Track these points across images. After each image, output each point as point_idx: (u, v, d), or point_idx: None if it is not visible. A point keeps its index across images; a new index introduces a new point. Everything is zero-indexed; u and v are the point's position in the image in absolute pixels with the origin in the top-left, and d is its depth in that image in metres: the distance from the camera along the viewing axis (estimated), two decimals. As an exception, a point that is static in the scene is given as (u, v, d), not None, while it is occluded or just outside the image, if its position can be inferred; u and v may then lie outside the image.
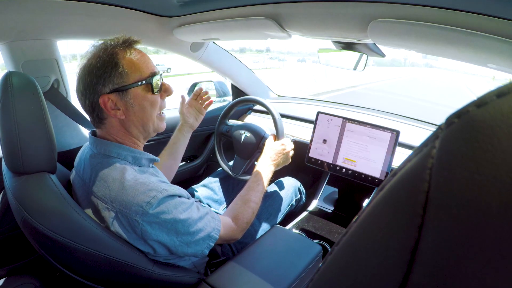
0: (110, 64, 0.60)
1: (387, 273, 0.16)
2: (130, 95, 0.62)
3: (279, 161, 0.98)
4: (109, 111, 0.62)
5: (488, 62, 0.64)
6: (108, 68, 0.60)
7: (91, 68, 0.60)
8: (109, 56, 0.60)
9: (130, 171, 0.60)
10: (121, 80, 0.61)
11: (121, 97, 0.62)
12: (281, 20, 0.79)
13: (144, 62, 0.64)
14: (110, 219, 0.59)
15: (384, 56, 0.98)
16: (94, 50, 0.62)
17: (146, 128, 0.67)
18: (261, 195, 0.85)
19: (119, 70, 0.60)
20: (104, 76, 0.60)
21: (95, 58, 0.61)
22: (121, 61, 0.61)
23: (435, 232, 0.13)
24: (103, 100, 0.61)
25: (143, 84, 0.63)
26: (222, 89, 1.53)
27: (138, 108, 0.64)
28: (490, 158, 0.12)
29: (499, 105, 0.13)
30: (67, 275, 0.59)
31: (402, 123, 1.24)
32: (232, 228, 0.74)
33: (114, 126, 0.65)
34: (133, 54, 0.63)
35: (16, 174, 0.62)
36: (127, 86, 0.61)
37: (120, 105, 0.62)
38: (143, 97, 0.64)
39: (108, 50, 0.61)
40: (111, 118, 0.64)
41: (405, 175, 0.16)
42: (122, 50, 0.62)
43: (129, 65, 0.62)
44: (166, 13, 1.01)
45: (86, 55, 0.62)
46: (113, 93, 0.61)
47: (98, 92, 0.61)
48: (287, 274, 0.69)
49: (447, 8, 0.54)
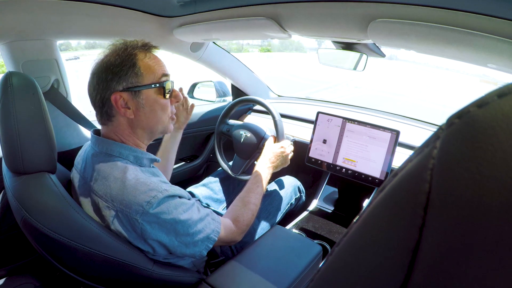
0: (128, 63, 0.62)
1: (388, 274, 0.16)
2: (142, 95, 0.63)
3: (278, 163, 0.99)
4: (119, 108, 0.62)
5: (488, 62, 0.64)
6: (125, 67, 0.61)
7: (109, 65, 0.61)
8: (128, 56, 0.62)
9: (131, 171, 0.61)
10: (136, 80, 0.62)
11: (133, 96, 0.63)
12: (281, 20, 0.79)
13: (159, 67, 0.66)
14: (111, 217, 0.59)
15: (384, 56, 0.98)
16: (114, 48, 0.63)
17: (154, 130, 0.68)
18: (260, 196, 0.86)
19: (135, 70, 0.62)
20: (120, 74, 0.61)
21: (114, 55, 0.62)
22: (138, 62, 0.62)
23: (436, 232, 0.13)
24: (115, 97, 0.62)
25: (156, 86, 0.64)
26: (222, 89, 1.53)
27: (148, 109, 0.65)
28: (490, 158, 0.12)
29: (500, 105, 0.12)
30: (67, 275, 0.59)
31: (402, 123, 1.24)
32: (232, 230, 0.74)
33: (121, 125, 0.65)
34: (151, 58, 0.65)
35: (16, 174, 0.62)
36: (140, 87, 0.63)
37: (131, 104, 0.63)
38: (154, 100, 0.65)
39: (128, 50, 0.62)
40: (120, 116, 0.64)
41: (406, 175, 0.16)
42: (141, 53, 0.64)
43: (145, 67, 0.63)
44: (166, 13, 1.01)
45: (104, 52, 0.64)
46: (126, 92, 0.62)
47: (111, 89, 0.62)
48: (287, 274, 0.69)
49: (447, 8, 0.54)
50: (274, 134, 1.09)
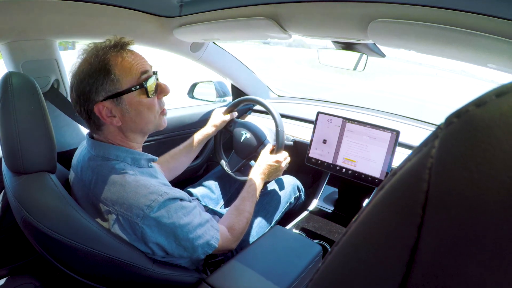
0: (102, 71, 0.58)
1: (386, 273, 0.16)
2: (124, 101, 0.60)
3: (270, 175, 1.01)
4: (105, 119, 0.60)
5: (488, 62, 0.64)
6: (100, 76, 0.58)
7: (83, 76, 0.58)
8: (100, 63, 0.58)
9: (130, 173, 0.60)
10: (113, 87, 0.59)
11: (116, 104, 0.60)
12: (281, 21, 0.79)
13: (137, 65, 0.61)
14: (111, 221, 0.59)
15: (384, 56, 0.98)
16: (85, 56, 0.60)
17: (145, 130, 0.67)
18: (254, 204, 0.89)
19: (111, 77, 0.58)
20: (96, 84, 0.58)
21: (87, 64, 0.58)
22: (113, 68, 0.58)
23: (435, 231, 0.13)
24: (98, 109, 0.59)
25: (137, 89, 0.61)
26: (222, 89, 1.53)
27: (134, 113, 0.62)
28: (489, 157, 0.12)
29: (499, 104, 0.13)
30: (67, 275, 0.59)
31: (402, 123, 1.24)
32: (228, 238, 0.75)
33: (111, 132, 0.64)
34: (126, 58, 0.60)
35: (16, 173, 0.62)
36: (120, 93, 0.59)
37: (116, 112, 0.61)
38: (139, 102, 0.62)
39: (99, 56, 0.58)
40: (108, 124, 0.63)
41: (404, 174, 0.16)
42: (114, 55, 0.59)
43: (121, 70, 0.59)
44: (166, 14, 1.01)
45: (78, 61, 0.60)
46: (107, 101, 0.59)
47: (92, 101, 0.59)
48: (287, 274, 0.69)
49: (447, 8, 0.54)
50: (273, 143, 1.09)
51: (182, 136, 1.32)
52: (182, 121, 1.37)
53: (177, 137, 1.35)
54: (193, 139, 1.09)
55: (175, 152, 1.06)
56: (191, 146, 1.08)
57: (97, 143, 0.65)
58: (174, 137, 1.34)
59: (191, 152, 1.09)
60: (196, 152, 1.11)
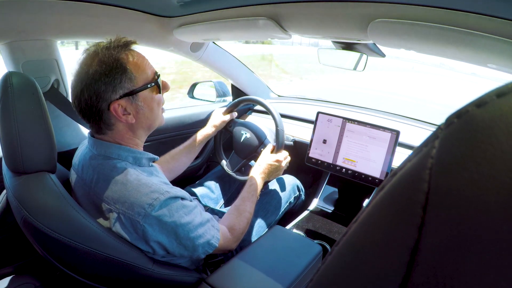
0: (119, 70, 0.58)
1: (386, 274, 0.16)
2: (140, 98, 0.62)
3: (270, 174, 1.01)
4: (120, 117, 0.61)
5: (488, 62, 0.64)
6: (117, 75, 0.58)
7: (98, 76, 0.58)
8: (116, 62, 0.58)
9: (131, 172, 0.61)
10: (131, 85, 0.60)
11: (131, 101, 0.61)
12: (281, 21, 0.79)
13: (147, 64, 0.64)
14: (112, 220, 0.59)
15: (384, 56, 0.98)
16: (94, 56, 0.59)
17: (152, 127, 0.69)
18: (254, 204, 0.89)
19: (128, 75, 0.60)
20: (114, 83, 0.58)
21: (100, 64, 0.58)
22: (128, 66, 0.60)
23: (435, 232, 0.13)
24: (113, 107, 0.60)
25: (152, 86, 0.63)
26: (222, 89, 1.53)
27: (147, 109, 0.64)
28: (489, 158, 0.12)
29: (499, 105, 0.13)
30: (67, 274, 0.59)
31: (402, 123, 1.24)
32: (228, 238, 0.75)
33: (120, 131, 0.64)
34: (136, 57, 0.62)
35: (16, 173, 0.62)
36: (136, 90, 0.61)
37: (131, 109, 0.62)
38: (151, 98, 0.65)
39: (113, 56, 0.58)
40: (120, 123, 0.63)
41: (405, 175, 0.16)
42: (125, 54, 0.60)
43: (135, 68, 0.61)
44: (166, 14, 1.01)
45: (84, 62, 0.60)
46: (123, 99, 0.60)
47: (107, 100, 0.59)
48: (287, 274, 0.69)
49: (447, 8, 0.54)
50: (273, 143, 1.09)
51: (182, 136, 1.32)
52: (182, 121, 1.37)
53: (177, 137, 1.35)
54: (193, 140, 1.10)
55: (175, 153, 1.06)
56: (191, 146, 1.09)
57: (99, 142, 0.65)
58: (174, 137, 1.34)
59: (191, 152, 1.09)
60: (196, 152, 1.11)
